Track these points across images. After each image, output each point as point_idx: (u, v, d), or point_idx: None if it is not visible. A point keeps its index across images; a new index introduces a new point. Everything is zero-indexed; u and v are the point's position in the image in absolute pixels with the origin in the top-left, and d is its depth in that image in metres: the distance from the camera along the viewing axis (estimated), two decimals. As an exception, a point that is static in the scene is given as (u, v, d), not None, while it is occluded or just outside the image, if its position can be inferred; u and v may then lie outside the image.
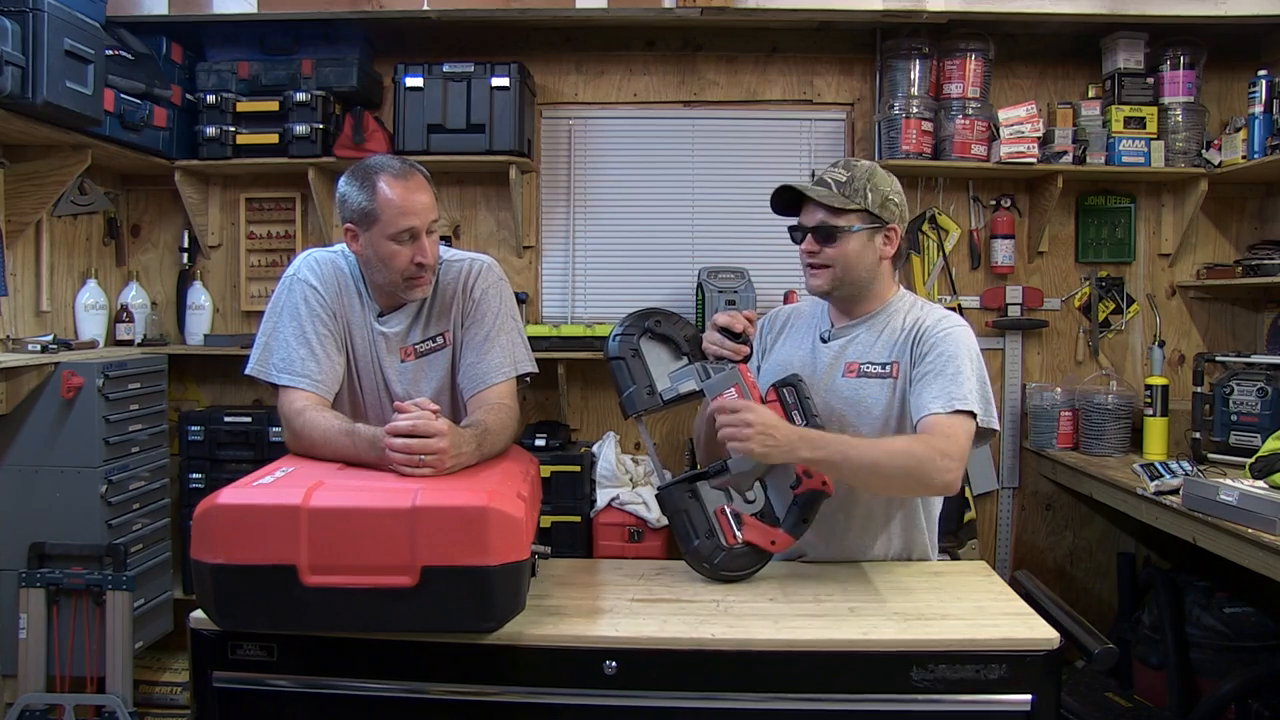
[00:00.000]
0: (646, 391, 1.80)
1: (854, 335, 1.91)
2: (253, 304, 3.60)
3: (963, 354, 1.79)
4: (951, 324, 1.85)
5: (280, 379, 1.82)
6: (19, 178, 2.90)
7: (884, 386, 1.85)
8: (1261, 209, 3.55)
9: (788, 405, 1.76)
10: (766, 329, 2.07)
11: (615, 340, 1.83)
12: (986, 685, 1.45)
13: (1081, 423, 3.35)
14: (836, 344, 1.92)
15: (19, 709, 2.78)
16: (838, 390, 1.88)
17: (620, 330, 1.84)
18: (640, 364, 1.82)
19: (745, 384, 1.75)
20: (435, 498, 1.43)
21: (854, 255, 1.85)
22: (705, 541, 1.73)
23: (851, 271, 1.86)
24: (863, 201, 1.84)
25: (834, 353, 1.91)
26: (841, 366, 1.89)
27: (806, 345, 1.97)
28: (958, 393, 1.75)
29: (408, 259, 1.82)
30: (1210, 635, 2.89)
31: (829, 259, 1.86)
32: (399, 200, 1.80)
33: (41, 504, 2.84)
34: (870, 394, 1.86)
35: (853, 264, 1.86)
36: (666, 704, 1.46)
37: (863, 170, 1.87)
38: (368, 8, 3.16)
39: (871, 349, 1.88)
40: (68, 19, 2.54)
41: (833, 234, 1.84)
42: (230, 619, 1.45)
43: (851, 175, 1.86)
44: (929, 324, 1.85)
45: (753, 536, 1.73)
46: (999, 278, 3.56)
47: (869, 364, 1.87)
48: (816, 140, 3.60)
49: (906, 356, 1.85)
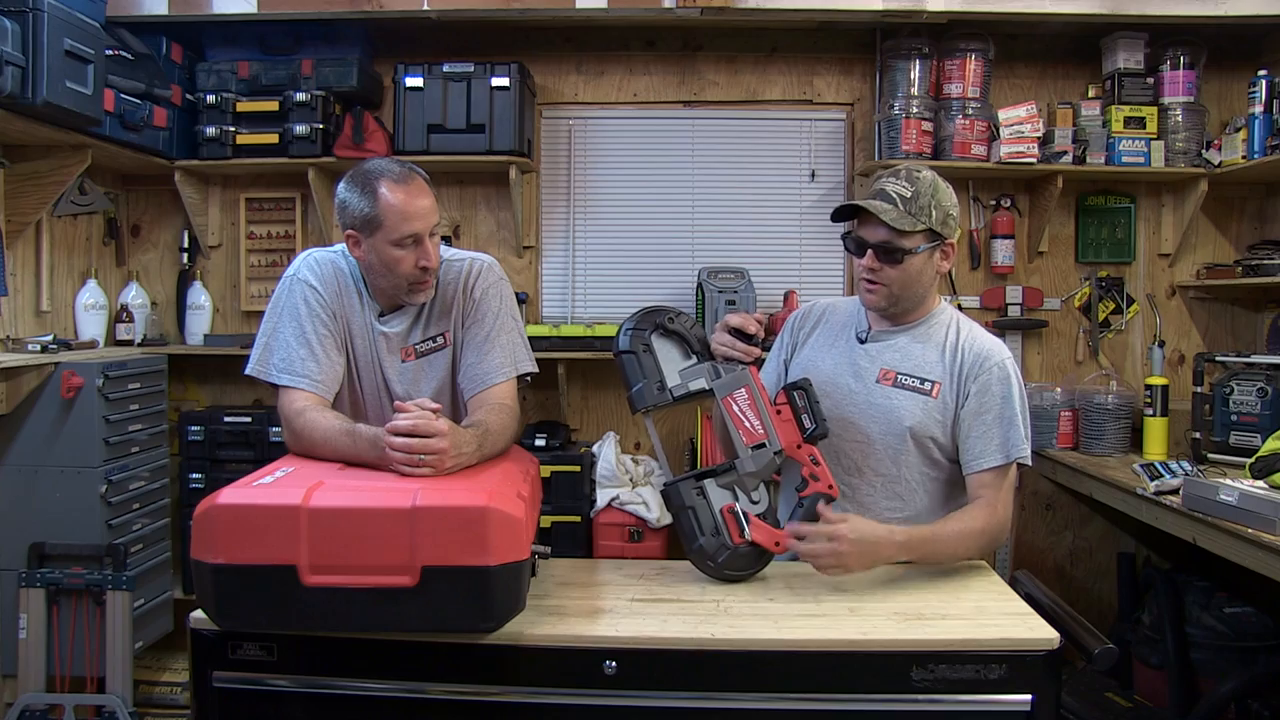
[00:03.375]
0: (657, 387, 1.79)
1: (893, 342, 1.90)
2: (253, 304, 3.60)
3: (1015, 395, 1.83)
4: (1002, 356, 1.86)
5: (280, 379, 1.82)
6: (19, 178, 2.90)
7: (919, 402, 1.85)
8: (1261, 209, 3.55)
9: (798, 409, 1.77)
10: (798, 325, 2.05)
11: (626, 335, 1.82)
12: (986, 685, 1.45)
13: (1081, 423, 3.34)
14: (875, 347, 1.91)
15: (19, 709, 2.78)
16: (870, 395, 1.87)
17: (631, 325, 1.82)
18: (651, 359, 1.81)
19: (755, 386, 1.77)
20: (435, 498, 1.43)
21: (915, 274, 1.83)
22: (710, 539, 1.72)
23: (909, 289, 1.85)
24: (928, 220, 1.80)
25: (871, 356, 1.90)
26: (876, 371, 1.88)
27: (842, 344, 1.95)
28: (1014, 438, 1.81)
29: (412, 264, 1.81)
30: (1210, 635, 2.89)
31: (889, 279, 1.83)
32: (401, 206, 1.79)
33: (41, 504, 2.84)
34: (902, 405, 1.85)
35: (912, 282, 1.84)
36: (666, 704, 1.46)
37: (926, 184, 1.82)
38: (368, 8, 3.16)
39: (910, 360, 1.88)
40: (68, 19, 2.54)
41: (897, 254, 1.81)
42: (230, 619, 1.45)
43: (916, 191, 1.81)
44: (979, 353, 1.86)
45: (759, 537, 1.73)
46: (999, 278, 3.56)
47: (906, 375, 1.86)
48: (816, 140, 3.61)
49: (950, 382, 1.85)
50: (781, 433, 1.77)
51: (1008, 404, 1.82)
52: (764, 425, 1.77)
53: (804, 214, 3.61)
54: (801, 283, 3.54)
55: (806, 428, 1.74)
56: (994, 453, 1.81)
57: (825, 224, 3.60)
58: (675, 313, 1.84)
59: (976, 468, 1.82)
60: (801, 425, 1.75)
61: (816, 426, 1.75)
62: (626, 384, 1.80)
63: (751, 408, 1.77)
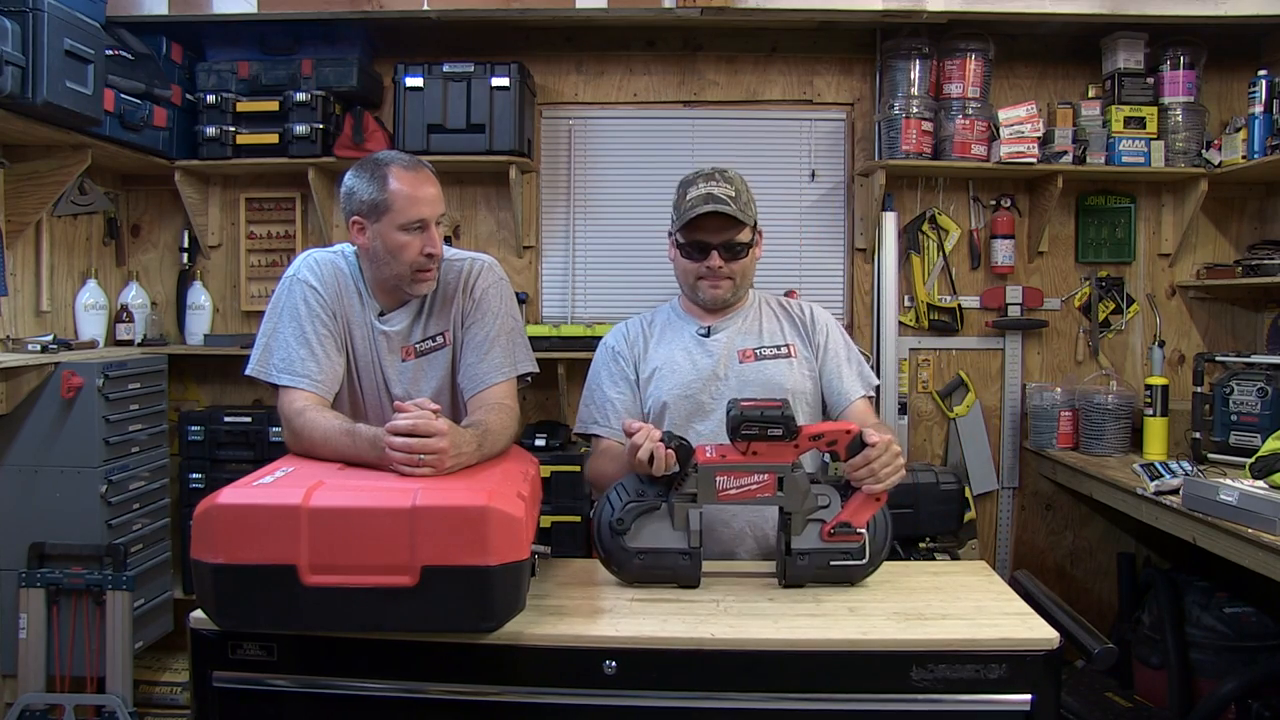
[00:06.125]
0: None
1: (733, 327, 2.08)
2: (253, 304, 3.60)
3: (848, 337, 2.14)
4: (822, 309, 2.15)
5: (281, 379, 1.82)
6: (19, 178, 2.90)
7: (785, 365, 2.04)
8: (1261, 209, 3.55)
9: (683, 456, 1.70)
10: (627, 345, 2.12)
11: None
12: (986, 685, 1.45)
13: (1081, 423, 3.35)
14: (720, 337, 2.07)
15: (19, 709, 2.78)
16: (742, 374, 2.02)
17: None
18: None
19: (706, 475, 1.68)
20: (435, 497, 1.43)
21: (751, 264, 2.07)
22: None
23: (748, 279, 2.08)
24: (753, 214, 2.03)
25: (721, 344, 2.06)
26: (735, 355, 2.04)
27: (685, 340, 2.08)
28: (865, 372, 2.09)
29: (417, 250, 1.83)
30: (1210, 635, 2.89)
31: (733, 271, 2.03)
32: (410, 190, 1.82)
33: (41, 504, 2.84)
34: (776, 372, 2.03)
35: (748, 271, 2.07)
36: (666, 704, 1.46)
37: (740, 182, 2.04)
38: (368, 8, 3.16)
39: (760, 336, 2.08)
40: (68, 19, 2.54)
41: (739, 249, 2.02)
42: (230, 619, 1.45)
43: (737, 190, 2.01)
44: (808, 312, 2.13)
45: (858, 517, 1.70)
46: (999, 278, 3.56)
47: (764, 347, 2.06)
48: (816, 140, 3.60)
49: (801, 341, 2.08)
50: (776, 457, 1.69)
51: (849, 346, 2.11)
52: (756, 479, 1.68)
53: (804, 214, 3.61)
54: (801, 282, 3.54)
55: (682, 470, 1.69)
56: (857, 385, 2.05)
57: (825, 224, 3.61)
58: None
59: (848, 400, 2.03)
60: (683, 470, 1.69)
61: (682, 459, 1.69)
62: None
63: (731, 480, 1.69)
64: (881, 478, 1.67)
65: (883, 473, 1.67)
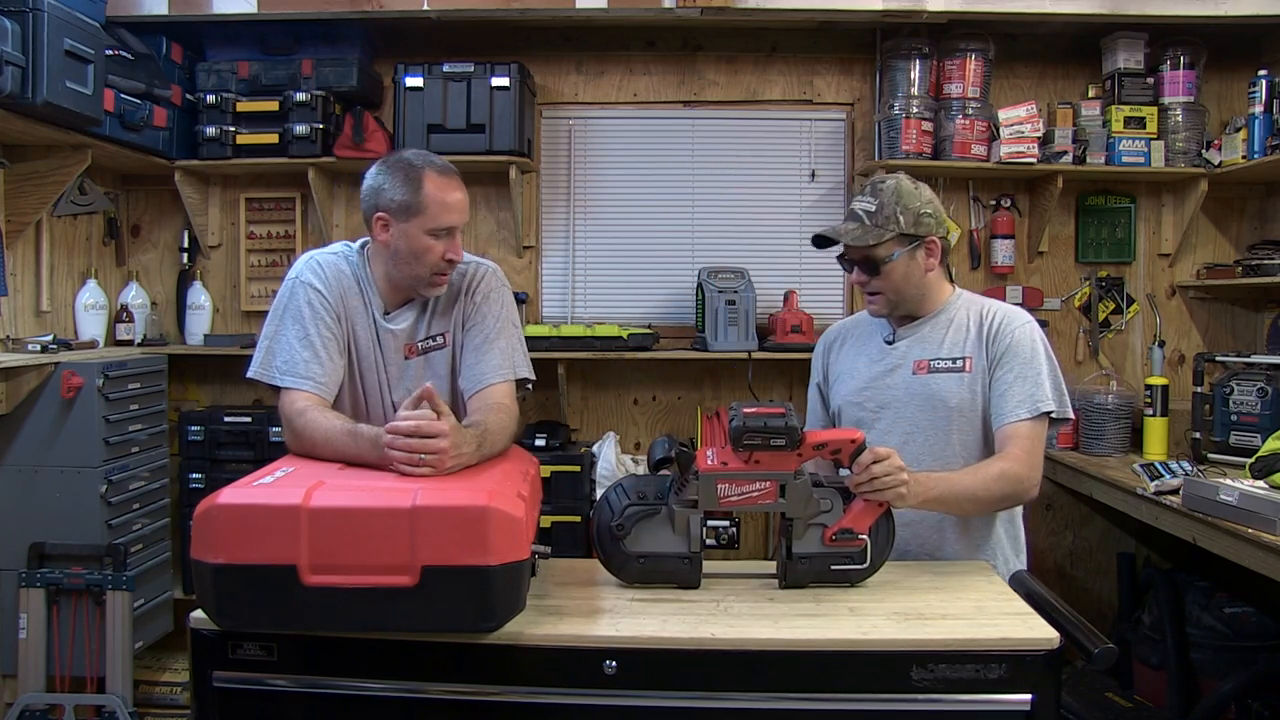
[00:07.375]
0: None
1: (918, 335, 1.99)
2: (253, 304, 3.60)
3: (1040, 353, 1.91)
4: (1021, 320, 1.94)
5: (283, 381, 1.82)
6: (19, 178, 2.90)
7: (957, 380, 1.93)
8: (1261, 209, 3.55)
9: (684, 464, 1.67)
10: (825, 349, 2.15)
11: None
12: (986, 685, 1.45)
13: (1081, 423, 3.34)
14: (903, 345, 1.99)
15: (19, 709, 2.78)
16: (909, 386, 1.96)
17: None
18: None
19: (700, 482, 1.65)
20: (435, 497, 1.43)
21: (901, 278, 1.93)
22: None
23: (903, 292, 1.95)
24: (895, 227, 1.90)
25: (901, 352, 1.99)
26: (910, 365, 1.97)
27: (872, 349, 2.04)
28: (1039, 394, 1.87)
29: (440, 254, 1.84)
30: (1210, 635, 2.89)
31: (879, 287, 1.94)
32: (444, 197, 1.83)
33: (41, 504, 2.84)
34: (943, 387, 1.93)
35: (901, 286, 1.94)
36: (666, 704, 1.46)
37: (889, 193, 1.92)
38: (368, 8, 3.16)
39: (940, 346, 1.96)
40: (68, 19, 2.54)
41: (875, 265, 1.92)
42: (230, 619, 1.45)
43: (880, 202, 1.92)
44: (999, 322, 1.94)
45: (860, 522, 1.68)
46: (999, 278, 3.56)
47: (939, 359, 1.95)
48: (816, 140, 3.61)
49: (980, 352, 1.93)
50: (778, 465, 1.65)
51: (1031, 363, 1.89)
52: (758, 486, 1.65)
53: (804, 214, 3.61)
54: (801, 283, 3.53)
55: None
56: (1018, 407, 1.87)
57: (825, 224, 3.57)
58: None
59: (1003, 422, 1.89)
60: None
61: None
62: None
63: (733, 487, 1.65)
64: (879, 488, 1.67)
65: (882, 483, 1.67)
